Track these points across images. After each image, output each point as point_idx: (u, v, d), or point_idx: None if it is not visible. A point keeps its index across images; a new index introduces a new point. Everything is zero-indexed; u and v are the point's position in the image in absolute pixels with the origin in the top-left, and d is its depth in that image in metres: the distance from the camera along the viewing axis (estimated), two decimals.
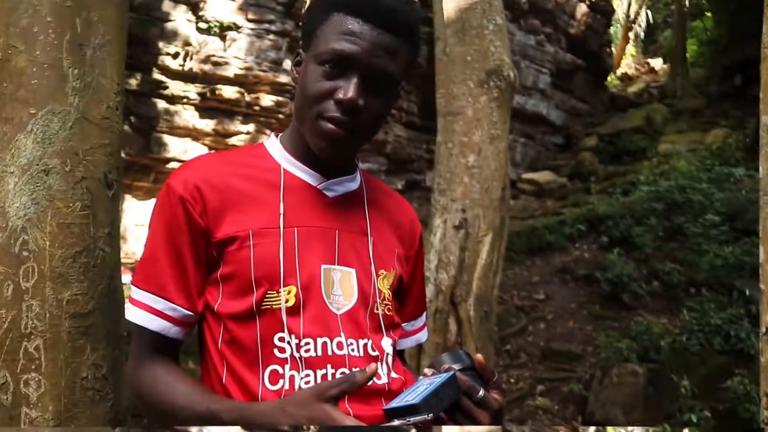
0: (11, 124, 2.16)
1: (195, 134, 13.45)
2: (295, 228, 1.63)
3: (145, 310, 1.61)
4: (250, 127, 13.75)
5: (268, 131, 13.81)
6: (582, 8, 20.36)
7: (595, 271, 10.79)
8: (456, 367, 1.48)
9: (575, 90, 21.20)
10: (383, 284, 1.72)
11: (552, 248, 12.36)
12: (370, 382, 1.46)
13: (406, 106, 15.31)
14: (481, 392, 1.44)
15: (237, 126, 13.63)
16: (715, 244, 10.38)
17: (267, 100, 13.54)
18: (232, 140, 13.63)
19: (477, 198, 5.77)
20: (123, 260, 2.61)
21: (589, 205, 13.41)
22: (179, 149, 13.31)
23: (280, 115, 13.81)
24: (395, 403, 1.38)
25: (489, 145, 5.82)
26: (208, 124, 13.39)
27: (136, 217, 13.16)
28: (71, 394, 2.16)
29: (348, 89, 1.55)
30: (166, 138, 13.22)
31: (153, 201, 13.35)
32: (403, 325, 1.88)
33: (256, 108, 13.61)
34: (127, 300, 1.69)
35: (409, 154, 15.54)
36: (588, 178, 17.33)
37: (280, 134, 1.81)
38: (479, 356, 1.52)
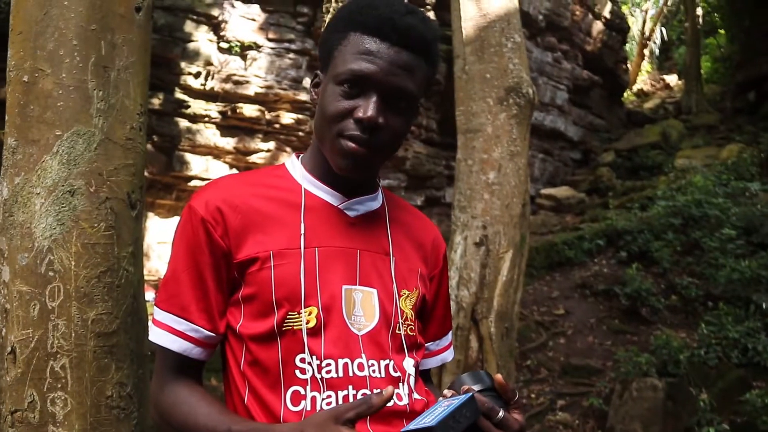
0: (37, 145, 2.18)
1: (216, 152, 13.49)
2: (316, 248, 1.62)
3: (167, 331, 1.61)
4: (271, 144, 13.78)
5: (288, 149, 13.85)
6: (598, 26, 20.35)
7: (614, 285, 10.74)
8: (476, 387, 1.46)
9: (592, 106, 21.16)
10: (405, 304, 1.70)
11: (571, 263, 12.31)
12: (391, 403, 1.46)
13: (426, 122, 15.31)
14: (501, 413, 1.42)
15: (258, 144, 13.67)
16: (732, 258, 10.29)
17: (287, 118, 13.58)
18: (253, 158, 13.67)
19: (497, 215, 5.74)
20: (146, 278, 2.61)
21: (607, 220, 13.35)
22: (201, 167, 13.36)
23: (300, 133, 13.84)
24: (412, 425, 1.36)
25: (509, 161, 5.80)
26: (229, 142, 13.44)
27: (159, 235, 13.21)
28: (97, 412, 2.16)
29: (367, 108, 1.54)
30: (188, 156, 13.27)
31: (175, 219, 13.44)
32: (427, 344, 1.86)
33: (277, 126, 13.64)
34: (150, 320, 1.68)
35: (429, 171, 15.52)
36: (606, 193, 17.27)
37: (301, 155, 1.80)
38: (499, 376, 1.49)
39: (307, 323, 1.55)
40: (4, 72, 2.36)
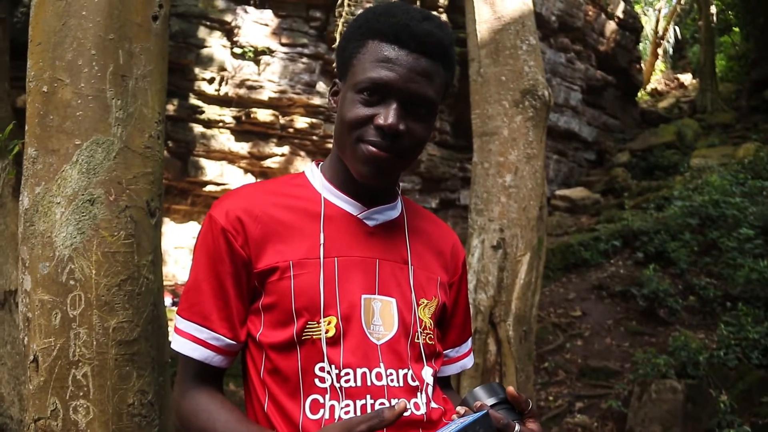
0: (57, 155, 2.19)
1: (231, 157, 13.56)
2: (336, 258, 1.62)
3: (189, 340, 1.62)
4: (285, 149, 13.83)
5: (302, 153, 13.89)
6: (611, 26, 20.29)
7: (631, 286, 10.69)
8: (490, 401, 1.46)
9: (606, 106, 21.10)
10: (424, 313, 1.70)
11: (587, 265, 12.27)
12: (408, 413, 1.52)
13: (440, 125, 15.32)
14: (517, 428, 1.42)
15: (272, 148, 13.71)
16: (750, 258, 10.22)
17: (301, 122, 13.62)
18: (267, 162, 13.72)
19: (515, 218, 5.71)
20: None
21: (623, 221, 13.29)
22: (216, 172, 13.42)
23: (314, 137, 13.88)
24: None
25: (525, 164, 5.77)
26: (243, 147, 13.50)
27: (175, 240, 13.28)
28: (119, 420, 2.17)
29: (388, 115, 1.54)
30: (203, 161, 13.35)
31: (191, 224, 13.51)
32: (447, 351, 1.87)
33: (291, 130, 13.69)
34: (172, 329, 1.69)
35: (443, 173, 15.52)
36: (621, 193, 17.22)
37: (321, 163, 1.80)
38: (511, 388, 1.49)
39: (326, 333, 1.56)
40: (22, 80, 2.38)
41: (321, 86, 13.72)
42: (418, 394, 1.62)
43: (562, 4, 17.48)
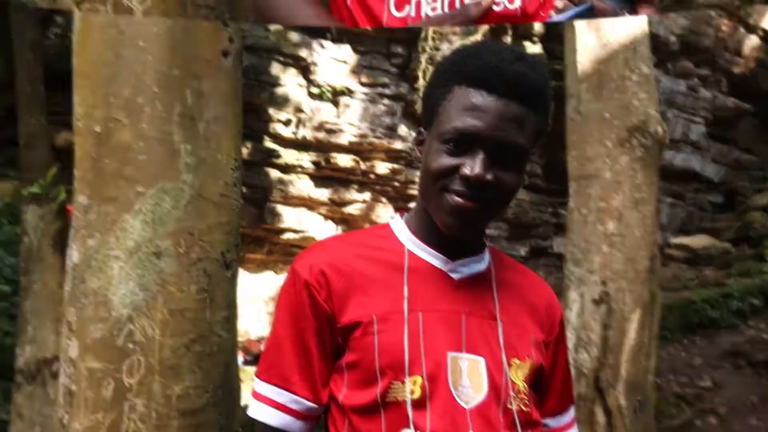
0: (115, 204, 2.21)
1: (310, 204, 13.69)
2: (420, 312, 1.63)
3: (266, 404, 1.64)
4: (366, 195, 13.92)
5: (384, 199, 13.97)
6: (752, 41, 19.31)
7: None
8: None
9: (739, 139, 20.36)
10: (516, 375, 1.68)
11: (716, 326, 11.77)
12: None
13: (530, 167, 15.02)
14: None
15: (353, 194, 13.82)
16: None
17: (382, 167, 13.71)
18: (348, 209, 13.83)
19: (619, 269, 5.61)
20: None
21: (763, 275, 12.81)
22: (294, 219, 13.56)
23: (396, 183, 13.95)
24: None
25: (632, 210, 5.68)
26: (323, 193, 13.63)
27: (249, 291, 13.40)
28: None
29: (474, 165, 1.55)
30: (280, 208, 13.50)
31: (267, 273, 13.65)
32: (546, 421, 1.83)
33: (372, 176, 13.78)
34: (245, 392, 1.72)
35: (533, 219, 15.39)
36: (759, 242, 16.60)
37: (405, 214, 1.83)
38: None
39: (411, 394, 1.56)
40: (59, 115, 2.39)
41: (402, 129, 13.81)
42: None
43: (687, 21, 17.06)
